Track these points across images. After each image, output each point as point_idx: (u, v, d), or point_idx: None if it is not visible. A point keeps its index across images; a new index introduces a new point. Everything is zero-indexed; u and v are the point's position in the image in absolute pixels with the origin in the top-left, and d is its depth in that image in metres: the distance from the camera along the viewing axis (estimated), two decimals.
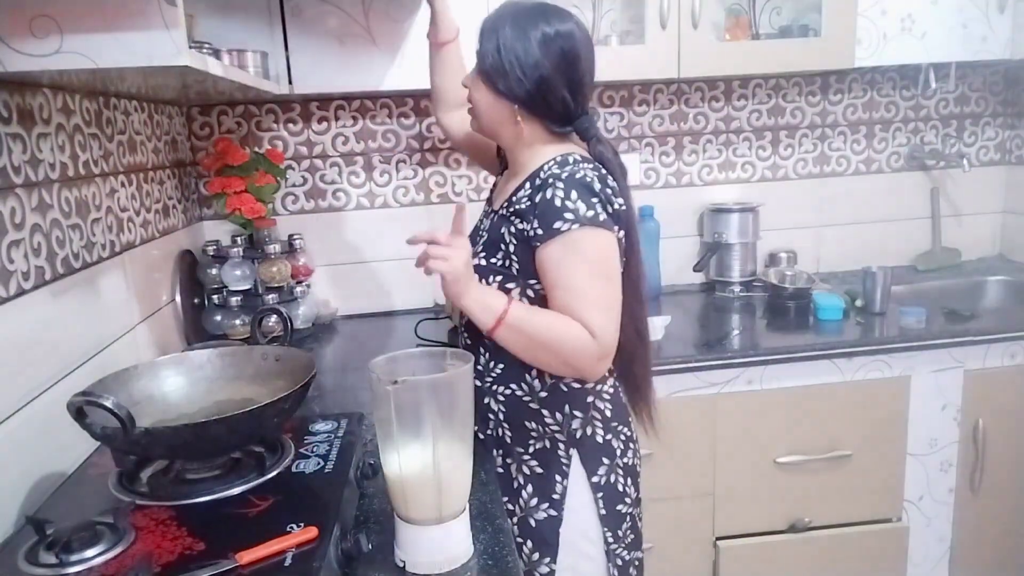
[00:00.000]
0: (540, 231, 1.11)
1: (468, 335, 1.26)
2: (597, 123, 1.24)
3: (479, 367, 1.23)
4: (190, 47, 0.94)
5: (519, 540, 1.21)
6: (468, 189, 2.14)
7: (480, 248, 1.21)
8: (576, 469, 1.20)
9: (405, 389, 0.84)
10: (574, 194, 1.10)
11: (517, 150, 1.22)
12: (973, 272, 2.27)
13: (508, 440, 1.23)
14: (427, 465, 0.85)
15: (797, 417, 1.72)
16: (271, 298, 1.83)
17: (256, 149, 1.99)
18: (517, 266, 1.16)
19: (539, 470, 1.21)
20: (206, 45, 1.32)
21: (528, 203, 1.14)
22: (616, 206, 1.14)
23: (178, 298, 1.71)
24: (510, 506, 1.22)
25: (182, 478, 0.99)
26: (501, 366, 1.21)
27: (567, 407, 1.20)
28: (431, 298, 2.15)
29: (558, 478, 1.21)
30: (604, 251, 1.12)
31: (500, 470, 1.23)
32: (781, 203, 2.26)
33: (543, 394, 1.20)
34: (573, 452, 1.21)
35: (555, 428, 1.20)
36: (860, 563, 1.79)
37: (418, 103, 2.07)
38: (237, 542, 0.80)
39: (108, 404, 0.85)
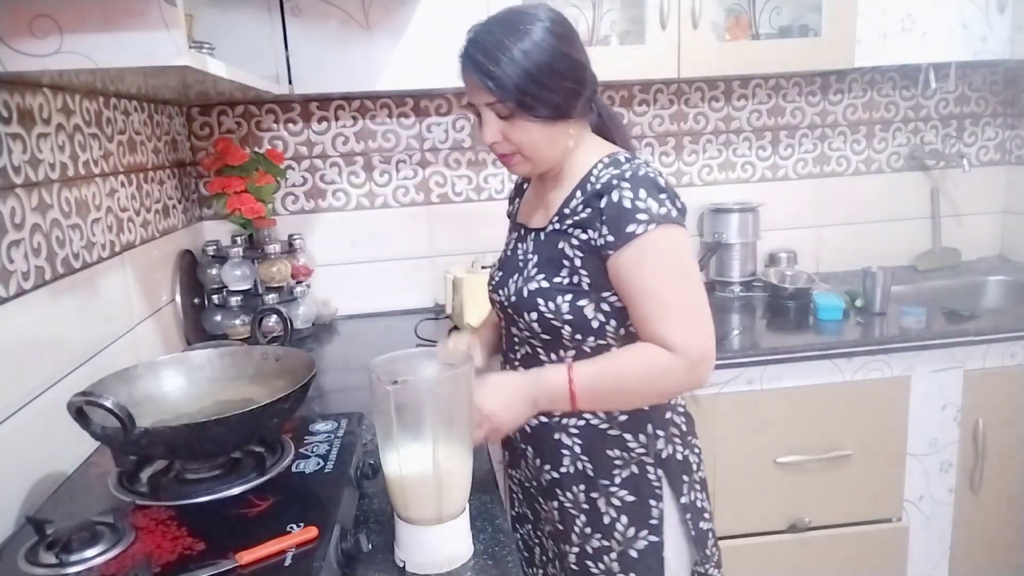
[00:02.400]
0: (612, 238, 1.02)
1: (525, 369, 1.13)
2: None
3: None
4: (190, 47, 0.94)
5: None
6: (468, 189, 2.14)
7: (534, 271, 1.11)
8: (667, 491, 1.13)
9: (405, 389, 0.84)
10: (643, 192, 1.02)
11: (560, 164, 1.12)
12: (973, 272, 2.27)
13: (590, 473, 1.13)
14: (427, 465, 0.85)
15: (797, 417, 1.72)
16: (271, 298, 1.83)
17: (256, 149, 1.99)
18: (588, 280, 1.06)
19: (631, 498, 1.12)
20: (206, 45, 1.32)
21: (589, 211, 1.05)
22: (681, 201, 1.06)
23: (178, 298, 1.71)
24: (605, 542, 1.12)
25: (182, 478, 0.99)
26: None
27: (649, 427, 1.12)
28: (431, 298, 2.15)
29: (652, 502, 1.12)
30: (681, 248, 1.04)
31: (585, 506, 1.13)
32: (781, 203, 2.26)
33: (623, 418, 1.11)
34: (661, 473, 1.13)
35: (641, 451, 1.12)
36: (860, 563, 1.79)
37: (418, 103, 2.07)
38: (237, 542, 0.80)
39: (108, 404, 0.85)
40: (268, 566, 0.78)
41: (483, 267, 1.91)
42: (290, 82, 1.69)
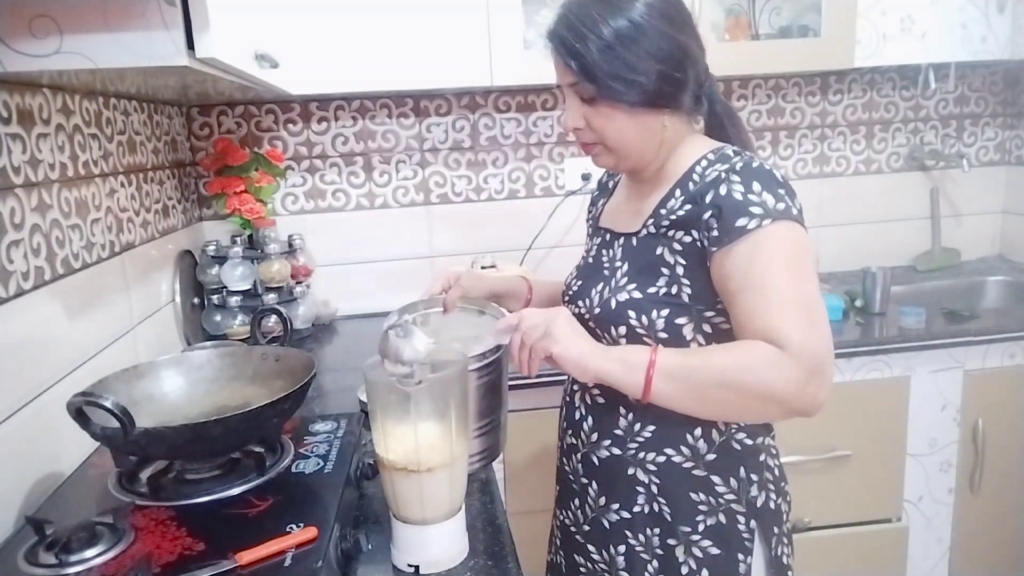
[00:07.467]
0: (718, 233, 0.90)
1: (600, 391, 1.03)
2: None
3: (618, 431, 1.01)
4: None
5: None
6: (468, 189, 2.13)
7: (624, 280, 0.99)
8: (758, 545, 1.01)
9: (394, 390, 0.83)
10: (757, 185, 0.90)
11: (655, 162, 1.01)
12: (973, 272, 2.27)
13: (668, 518, 0.99)
14: (419, 465, 0.84)
15: (797, 417, 1.72)
16: (271, 298, 1.83)
17: (256, 149, 1.99)
18: (689, 291, 0.94)
19: (715, 550, 0.99)
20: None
21: (690, 207, 0.93)
22: (799, 201, 0.94)
23: (178, 298, 1.71)
24: None
25: (182, 478, 0.99)
26: (651, 428, 0.99)
27: (742, 470, 0.99)
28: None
29: (740, 557, 0.99)
30: (801, 247, 0.90)
31: (659, 551, 1.00)
32: None
33: (711, 456, 0.98)
34: (755, 525, 1.00)
35: (731, 497, 0.99)
36: (860, 563, 1.79)
37: (417, 103, 2.07)
38: (237, 542, 0.80)
39: (108, 404, 0.84)
40: (268, 566, 0.78)
41: (482, 267, 1.91)
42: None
